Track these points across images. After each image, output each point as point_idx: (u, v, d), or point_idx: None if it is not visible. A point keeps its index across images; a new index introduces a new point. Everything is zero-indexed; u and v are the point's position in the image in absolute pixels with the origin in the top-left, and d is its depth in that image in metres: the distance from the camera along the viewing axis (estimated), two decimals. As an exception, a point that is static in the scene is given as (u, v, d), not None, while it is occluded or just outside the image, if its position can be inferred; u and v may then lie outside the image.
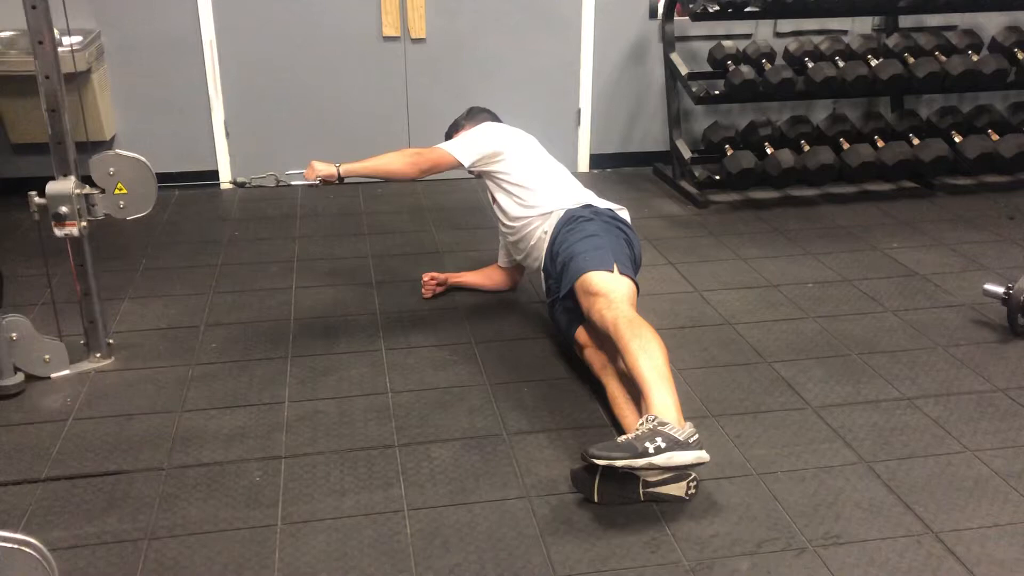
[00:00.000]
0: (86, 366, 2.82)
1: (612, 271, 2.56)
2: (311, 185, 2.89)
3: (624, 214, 2.92)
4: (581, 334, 2.69)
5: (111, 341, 2.89)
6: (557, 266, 2.75)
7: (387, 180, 2.98)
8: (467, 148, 2.92)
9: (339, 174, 2.84)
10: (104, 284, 2.89)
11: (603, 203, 2.91)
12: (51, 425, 2.52)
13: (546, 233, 2.86)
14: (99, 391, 2.71)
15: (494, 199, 3.04)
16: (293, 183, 2.92)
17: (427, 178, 3.00)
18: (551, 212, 2.86)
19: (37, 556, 1.59)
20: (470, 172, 3.01)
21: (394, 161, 2.89)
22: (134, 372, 2.82)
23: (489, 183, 3.03)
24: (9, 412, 2.59)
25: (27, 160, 4.26)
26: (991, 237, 3.92)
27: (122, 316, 3.18)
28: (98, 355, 2.85)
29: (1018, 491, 2.22)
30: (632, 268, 2.68)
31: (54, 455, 2.38)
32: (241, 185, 2.95)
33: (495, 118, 3.19)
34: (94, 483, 2.27)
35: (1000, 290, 3.02)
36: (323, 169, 2.84)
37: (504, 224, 3.04)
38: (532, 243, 2.94)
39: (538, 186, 2.92)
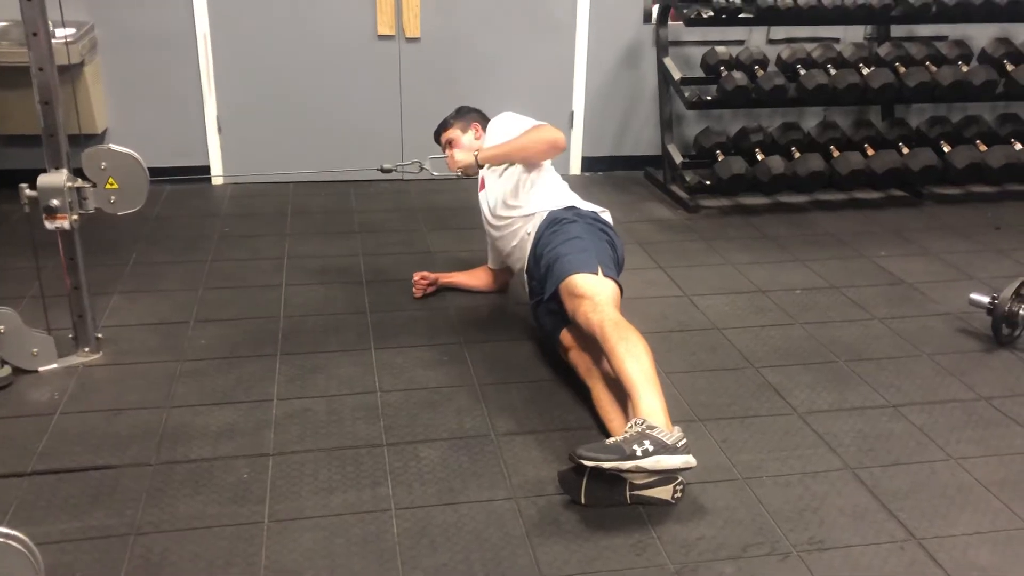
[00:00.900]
0: (74, 360, 2.81)
1: (597, 273, 2.57)
2: (457, 176, 2.97)
3: (607, 216, 2.93)
4: (566, 336, 2.70)
5: (100, 335, 2.88)
6: (541, 268, 2.76)
7: (525, 161, 2.92)
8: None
9: (477, 161, 2.87)
10: (94, 278, 2.88)
11: (587, 205, 2.92)
12: (38, 419, 2.51)
13: (529, 234, 2.87)
14: (87, 385, 2.70)
15: (483, 186, 3.05)
16: (434, 173, 3.06)
17: (423, 177, 3.02)
18: (534, 213, 2.87)
19: (23, 550, 1.60)
20: (479, 166, 2.98)
21: (535, 145, 2.84)
22: (122, 367, 2.81)
23: (489, 174, 3.03)
24: (-4, 405, 2.59)
25: (16, 152, 4.23)
26: (978, 247, 3.95)
27: (111, 311, 3.18)
28: (86, 349, 2.84)
29: (1000, 499, 2.25)
30: (616, 270, 2.70)
31: (41, 449, 2.37)
32: (387, 171, 3.04)
33: (484, 117, 3.20)
34: (81, 478, 2.26)
35: (985, 300, 3.05)
36: (463, 159, 2.90)
37: (487, 222, 3.05)
38: (515, 243, 2.95)
39: (527, 185, 2.93)
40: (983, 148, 4.48)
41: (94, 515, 2.13)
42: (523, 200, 2.91)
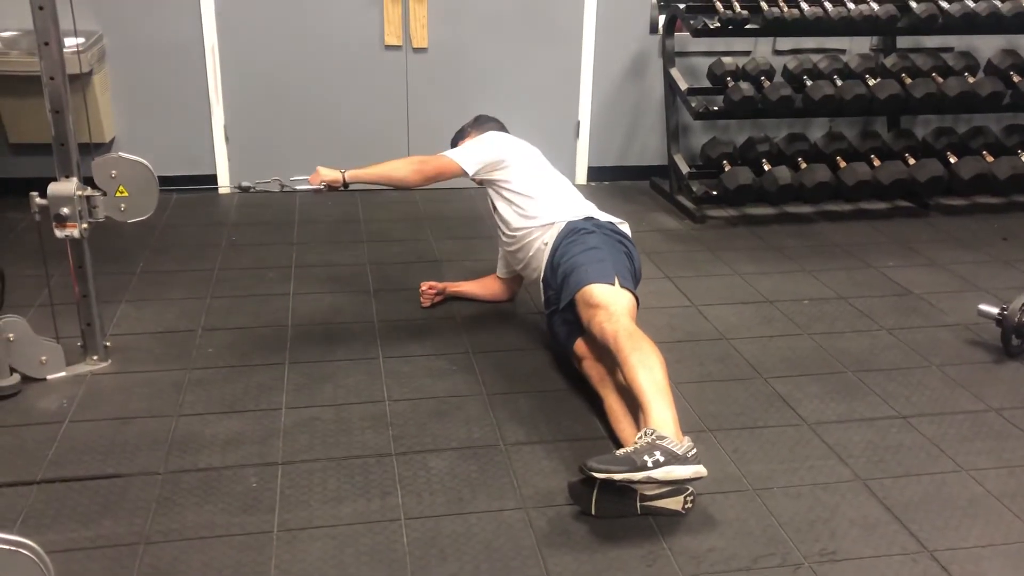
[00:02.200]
0: (83, 368, 2.81)
1: (613, 284, 2.57)
2: (316, 191, 2.89)
3: (625, 228, 2.93)
4: (580, 346, 2.69)
5: (108, 344, 2.88)
6: (558, 277, 2.76)
7: (392, 187, 2.97)
8: (471, 156, 2.93)
9: (344, 180, 2.84)
10: (101, 286, 2.89)
11: (604, 216, 2.93)
12: (47, 427, 2.51)
13: (546, 244, 2.87)
14: (95, 394, 2.70)
15: (495, 208, 3.05)
16: (298, 188, 2.92)
17: (429, 186, 3.01)
18: (552, 223, 2.87)
19: (34, 558, 1.59)
20: (473, 180, 3.02)
21: (399, 168, 2.90)
22: (131, 375, 2.81)
23: (491, 192, 3.04)
24: (5, 414, 2.58)
25: (25, 160, 4.25)
26: (985, 258, 3.95)
27: (119, 319, 3.18)
28: (95, 357, 2.84)
29: (1012, 511, 2.24)
30: (632, 282, 2.69)
31: (50, 457, 2.37)
32: (245, 190, 2.95)
33: (502, 127, 3.21)
34: (90, 486, 2.26)
35: (994, 311, 3.04)
36: (328, 175, 2.84)
37: (504, 234, 3.05)
38: (531, 253, 2.95)
39: (539, 197, 2.93)
40: (990, 159, 4.48)
41: (103, 523, 2.12)
42: (537, 211, 2.91)
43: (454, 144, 3.19)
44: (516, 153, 2.98)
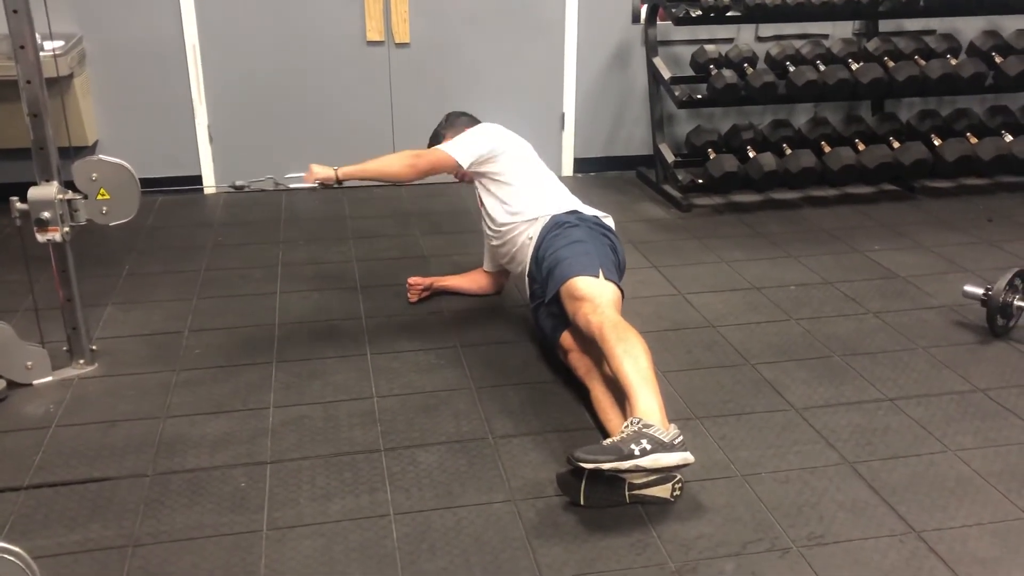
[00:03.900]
0: (69, 372, 2.80)
1: (598, 276, 2.57)
2: (310, 188, 2.88)
3: (609, 221, 2.93)
4: (566, 339, 2.70)
5: (94, 347, 2.87)
6: (543, 271, 2.76)
7: (385, 183, 2.94)
8: (465, 148, 2.91)
9: (337, 177, 2.83)
10: (87, 290, 2.88)
11: (589, 210, 2.92)
12: (34, 432, 2.50)
13: (531, 239, 2.87)
14: (82, 397, 2.69)
15: (482, 203, 3.05)
16: (291, 186, 2.91)
17: (418, 182, 3.00)
18: (536, 218, 2.87)
19: (21, 564, 1.59)
20: (460, 177, 3.01)
21: (393, 163, 2.88)
22: (117, 378, 2.80)
23: (478, 186, 3.03)
24: (-9, 419, 2.58)
25: (6, 165, 4.22)
26: (970, 239, 3.96)
27: (105, 322, 3.17)
28: (81, 361, 2.83)
29: (999, 490, 2.25)
30: (617, 274, 2.70)
31: (37, 462, 2.36)
32: (239, 188, 2.93)
33: (474, 121, 3.20)
34: (77, 490, 2.25)
35: (979, 291, 3.05)
36: (321, 172, 2.83)
37: (490, 228, 3.04)
38: (516, 248, 2.95)
39: (526, 191, 2.93)
40: (974, 141, 4.49)
41: (91, 527, 2.12)
42: (522, 206, 2.91)
43: (431, 146, 3.18)
44: (508, 144, 2.97)
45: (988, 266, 3.61)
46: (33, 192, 2.58)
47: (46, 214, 2.58)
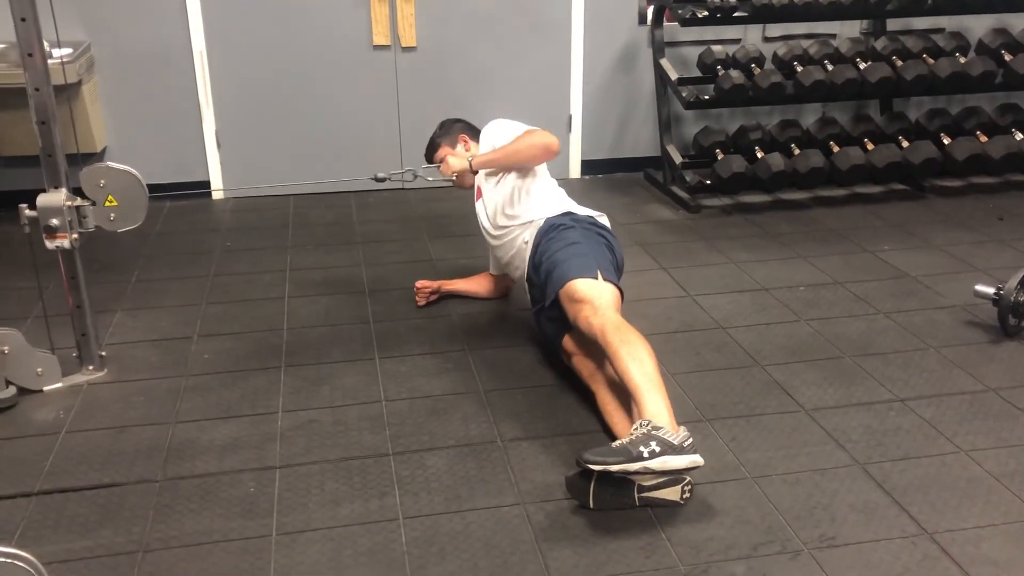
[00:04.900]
0: (79, 379, 2.81)
1: (596, 278, 2.56)
2: (448, 181, 2.97)
3: (604, 220, 2.92)
4: (568, 342, 2.69)
5: (103, 353, 2.88)
6: (541, 275, 2.75)
7: (519, 167, 2.93)
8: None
9: (472, 167, 2.87)
10: (96, 296, 2.89)
11: (583, 210, 2.91)
12: (44, 438, 2.51)
13: (527, 243, 2.87)
14: (92, 403, 2.70)
15: (480, 196, 3.04)
16: (429, 179, 3.06)
17: (419, 186, 3.01)
18: (531, 221, 2.87)
19: (31, 570, 1.59)
20: (458, 184, 3.01)
21: (527, 149, 2.85)
22: (127, 384, 2.81)
23: (486, 183, 3.02)
24: (1, 426, 2.58)
25: (16, 173, 4.24)
26: (981, 238, 3.93)
27: (114, 328, 3.18)
28: (91, 367, 2.84)
29: (1011, 491, 2.23)
30: (615, 274, 2.69)
31: (47, 468, 2.37)
32: (381, 180, 3.04)
33: (469, 126, 3.20)
34: (88, 496, 2.26)
35: (991, 291, 3.03)
36: (457, 164, 2.90)
37: (486, 231, 3.05)
38: (513, 252, 2.95)
39: (523, 193, 2.92)
40: (983, 139, 4.46)
41: (102, 533, 2.12)
42: (520, 209, 2.91)
43: (429, 159, 3.18)
44: None
45: (999, 265, 3.58)
46: (42, 199, 2.59)
47: (55, 221, 2.59)
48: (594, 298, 2.48)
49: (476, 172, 2.90)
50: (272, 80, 4.50)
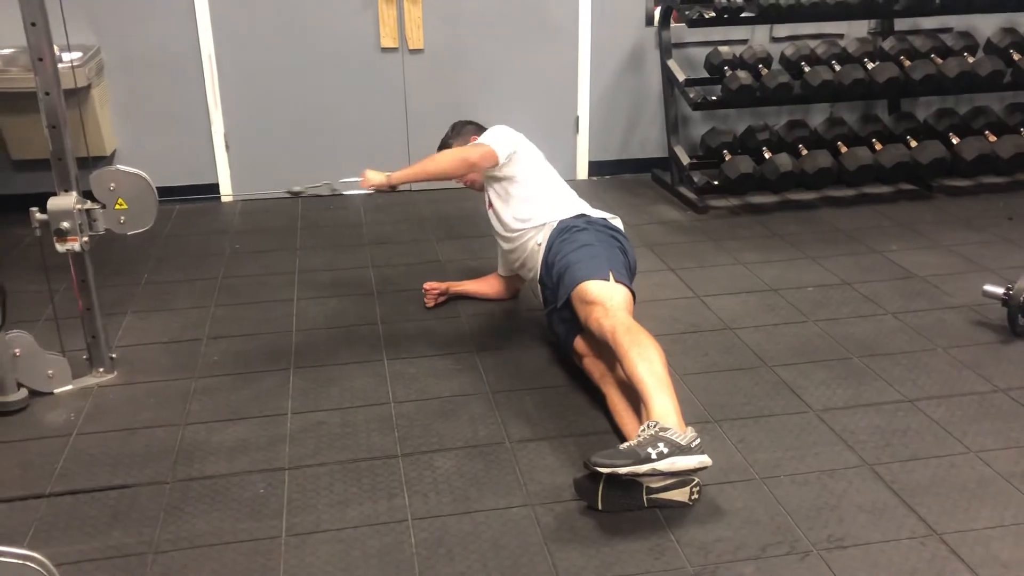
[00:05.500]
0: (89, 381, 2.83)
1: (608, 279, 2.57)
2: (367, 192, 2.91)
3: (617, 222, 2.92)
4: (579, 344, 2.70)
5: (114, 356, 2.89)
6: (553, 276, 2.76)
7: (437, 180, 2.96)
8: (502, 143, 2.91)
9: (391, 182, 2.86)
10: (106, 299, 2.90)
11: (596, 212, 2.92)
12: (55, 440, 2.53)
13: (539, 244, 2.87)
14: (102, 406, 2.71)
15: (492, 206, 3.05)
16: (346, 192, 2.97)
17: (425, 188, 3.01)
18: (545, 223, 2.87)
19: (43, 571, 1.60)
20: (468, 183, 3.02)
21: (443, 162, 2.89)
22: (137, 386, 2.82)
23: (491, 189, 3.03)
24: (13, 428, 2.60)
25: (27, 176, 4.27)
26: (990, 238, 3.92)
27: (124, 330, 3.19)
28: (101, 370, 2.86)
29: (1021, 491, 2.22)
30: (628, 276, 2.69)
31: (58, 470, 2.39)
32: (296, 195, 3.00)
33: (481, 129, 3.20)
34: (98, 497, 2.27)
35: (1000, 291, 3.02)
36: (375, 178, 2.87)
37: (500, 235, 3.05)
38: (526, 254, 2.95)
39: (536, 196, 2.93)
40: (992, 139, 4.45)
41: (113, 534, 2.13)
42: (532, 212, 2.91)
43: None
44: (524, 146, 2.98)
45: (1008, 265, 3.57)
46: (52, 202, 2.60)
47: (65, 224, 2.60)
48: (606, 299, 2.48)
49: (395, 188, 2.88)
50: (280, 83, 4.51)
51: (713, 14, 4.28)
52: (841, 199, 4.49)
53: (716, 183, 4.37)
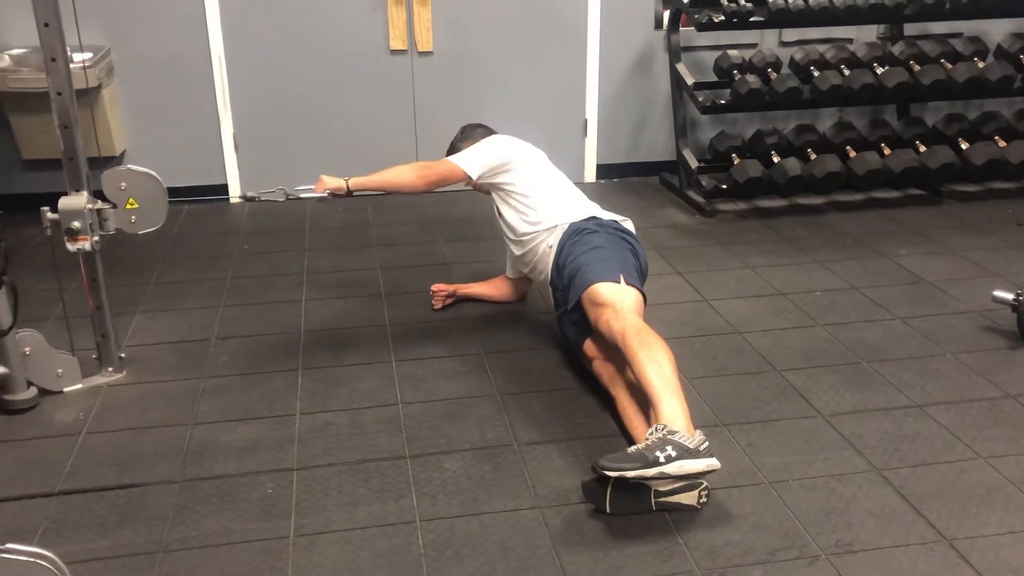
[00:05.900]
0: (98, 380, 2.84)
1: (619, 282, 2.57)
2: (320, 199, 2.92)
3: (629, 225, 2.93)
4: (589, 346, 2.70)
5: (123, 355, 2.90)
6: (564, 279, 2.76)
7: (395, 193, 3.01)
8: (474, 160, 2.94)
9: (348, 188, 2.86)
10: (116, 298, 2.91)
11: (607, 214, 2.92)
12: (64, 439, 2.54)
13: (551, 247, 2.87)
14: (111, 405, 2.72)
15: (500, 214, 3.06)
16: (302, 196, 2.94)
17: (437, 190, 3.02)
18: (555, 226, 2.87)
19: (53, 569, 1.61)
20: (474, 187, 3.03)
21: (402, 174, 2.92)
22: (146, 385, 2.83)
23: (496, 197, 3.04)
24: (23, 427, 2.61)
25: (38, 176, 4.28)
26: (999, 243, 3.91)
27: (134, 330, 3.20)
28: (110, 369, 2.87)
29: (1031, 498, 2.22)
30: (639, 278, 2.69)
31: (68, 469, 2.40)
32: (251, 199, 2.99)
33: (490, 132, 3.20)
34: (108, 496, 2.28)
35: (1009, 296, 3.02)
36: (332, 183, 2.87)
37: (510, 239, 3.06)
38: (537, 257, 2.95)
39: (543, 200, 2.93)
40: (1002, 144, 4.44)
41: (122, 533, 2.14)
42: (540, 216, 2.91)
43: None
44: (519, 155, 2.98)
45: (1017, 270, 3.56)
46: (63, 202, 2.62)
47: (76, 223, 2.61)
48: (616, 302, 2.48)
49: (352, 193, 2.89)
50: (289, 84, 4.53)
51: (723, 18, 4.28)
52: (850, 204, 4.49)
53: (724, 187, 4.36)
